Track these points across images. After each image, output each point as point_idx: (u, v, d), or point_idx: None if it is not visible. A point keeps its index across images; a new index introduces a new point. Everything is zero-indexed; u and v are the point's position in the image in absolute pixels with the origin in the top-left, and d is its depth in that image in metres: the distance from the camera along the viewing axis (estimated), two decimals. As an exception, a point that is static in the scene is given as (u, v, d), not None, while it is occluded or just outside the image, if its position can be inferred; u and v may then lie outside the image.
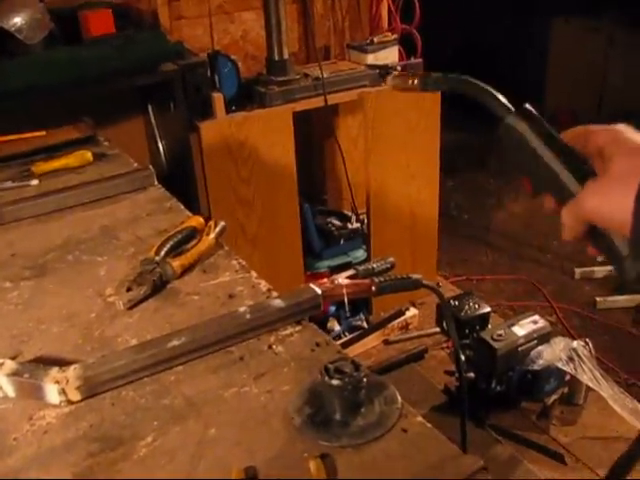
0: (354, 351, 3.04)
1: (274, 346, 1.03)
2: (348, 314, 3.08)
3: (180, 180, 2.72)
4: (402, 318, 3.17)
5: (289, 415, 0.89)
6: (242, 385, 0.95)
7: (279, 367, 0.99)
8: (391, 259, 1.23)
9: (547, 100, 5.36)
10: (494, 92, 0.74)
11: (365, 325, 3.18)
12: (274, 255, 2.90)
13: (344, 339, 3.05)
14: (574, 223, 0.66)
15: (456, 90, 0.79)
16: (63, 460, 0.85)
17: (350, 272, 1.17)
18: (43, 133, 1.84)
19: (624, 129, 0.69)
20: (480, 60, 5.47)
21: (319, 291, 1.09)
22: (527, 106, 0.71)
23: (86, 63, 2.19)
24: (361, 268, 1.18)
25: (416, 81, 0.82)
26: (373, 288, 1.13)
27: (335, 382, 0.86)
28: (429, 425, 0.87)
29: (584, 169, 0.67)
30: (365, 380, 0.87)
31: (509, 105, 0.72)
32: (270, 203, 2.81)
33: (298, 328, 1.07)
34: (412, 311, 3.22)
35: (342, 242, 3.16)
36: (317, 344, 1.03)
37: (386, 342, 3.15)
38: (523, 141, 0.68)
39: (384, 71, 2.92)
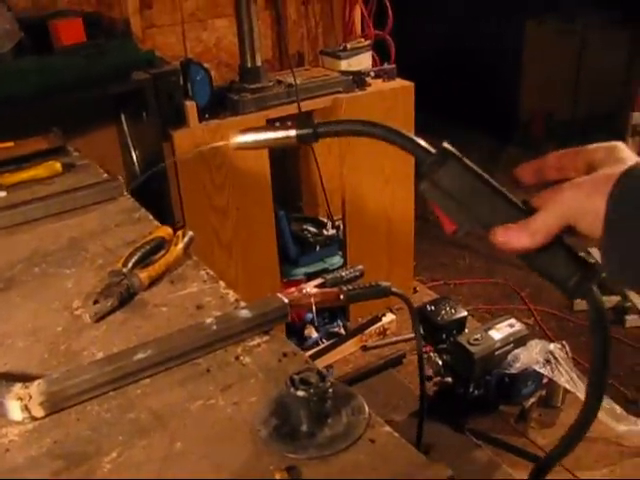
0: (332, 358, 3.04)
1: (241, 357, 1.02)
2: (316, 323, 3.07)
3: (154, 189, 2.71)
4: (379, 324, 3.17)
5: (255, 427, 0.88)
6: (208, 397, 0.94)
7: (246, 378, 0.98)
8: (360, 267, 1.22)
9: (522, 102, 5.39)
10: (404, 132, 0.69)
11: (342, 331, 3.17)
12: (250, 263, 2.89)
13: (321, 346, 3.05)
14: (552, 221, 0.64)
15: (353, 134, 0.72)
16: (25, 479, 0.83)
17: (319, 281, 1.17)
18: (11, 144, 1.82)
19: (622, 146, 0.67)
20: (454, 64, 5.50)
21: (286, 300, 1.08)
22: (447, 145, 0.68)
23: (56, 72, 2.18)
24: (329, 277, 1.17)
25: (291, 132, 0.71)
26: (341, 297, 1.13)
27: (300, 393, 0.85)
28: (396, 435, 0.86)
29: (518, 202, 0.67)
30: (331, 390, 0.86)
31: (426, 145, 0.68)
32: (245, 210, 2.80)
33: (265, 338, 1.06)
34: (389, 317, 3.22)
35: (318, 249, 3.15)
36: (284, 354, 1.02)
37: (364, 348, 3.15)
38: (450, 178, 0.67)
39: (358, 77, 2.92)
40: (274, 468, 0.81)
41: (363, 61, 3.02)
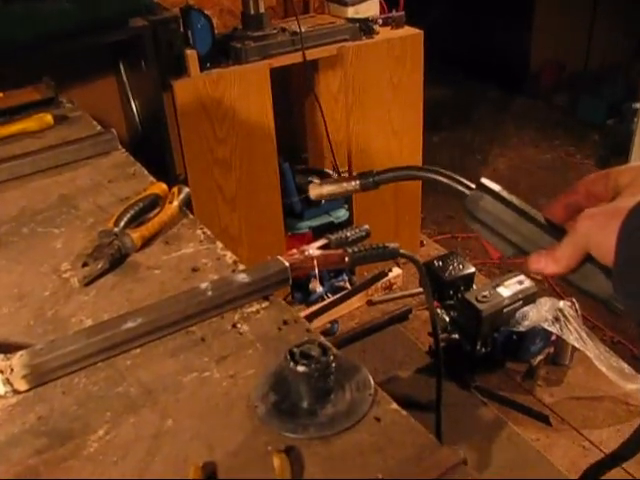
0: (337, 313, 2.99)
1: (238, 325, 0.96)
2: (319, 288, 3.00)
3: (155, 141, 2.63)
4: (385, 279, 3.11)
5: (252, 403, 0.82)
6: (203, 370, 0.88)
7: (243, 349, 0.92)
8: (366, 227, 1.15)
9: (533, 55, 5.24)
10: (448, 172, 0.77)
11: (348, 286, 3.12)
12: (254, 216, 2.83)
13: (327, 301, 3.00)
14: (571, 250, 0.65)
15: (407, 179, 0.82)
16: (6, 458, 0.78)
17: (322, 241, 1.09)
18: (0, 95, 1.74)
19: None
20: (465, 16, 5.35)
21: (287, 264, 1.01)
22: (484, 180, 0.73)
23: (48, 18, 2.07)
24: (334, 237, 1.10)
25: (355, 182, 0.81)
26: (346, 259, 1.06)
27: (301, 369, 0.79)
28: (404, 413, 0.80)
29: (556, 228, 0.69)
30: (334, 365, 0.80)
31: (467, 182, 0.75)
32: (248, 163, 2.73)
33: (265, 304, 1.00)
34: (396, 271, 3.16)
35: (323, 202, 3.08)
36: (285, 322, 0.96)
37: (370, 303, 3.10)
38: (489, 211, 0.72)
39: (365, 25, 2.82)
40: (272, 449, 0.75)
41: (370, 8, 2.90)
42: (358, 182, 0.80)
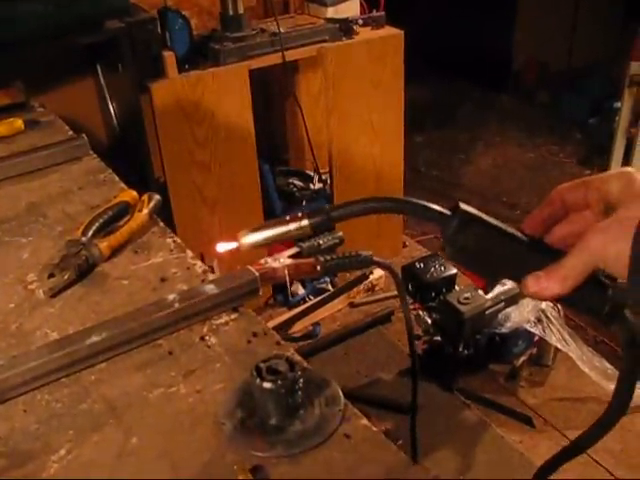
0: (319, 315, 2.97)
1: (207, 337, 0.93)
2: (291, 298, 2.98)
3: (133, 144, 2.60)
4: (367, 281, 3.09)
5: (219, 420, 0.80)
6: (169, 385, 0.86)
7: (211, 362, 0.89)
8: (339, 234, 1.13)
9: (515, 53, 5.23)
10: (420, 202, 0.66)
11: (330, 288, 3.10)
12: (234, 219, 2.79)
13: (309, 303, 2.97)
14: (581, 267, 0.63)
15: (371, 212, 0.67)
16: (-37, 480, 0.75)
17: (294, 250, 1.07)
18: (-31, 99, 1.72)
19: (635, 174, 0.64)
20: (447, 15, 5.34)
21: (257, 274, 0.99)
22: (463, 205, 0.65)
23: (23, 20, 2.04)
24: (305, 245, 1.08)
25: (304, 222, 0.66)
26: (318, 268, 1.04)
27: (267, 385, 0.76)
28: (375, 429, 0.78)
29: (543, 245, 0.67)
30: (302, 380, 0.78)
31: (443, 210, 0.66)
32: (228, 165, 2.70)
33: (234, 316, 0.97)
34: (377, 273, 3.14)
35: (304, 203, 3.06)
36: (254, 334, 0.93)
37: (352, 305, 3.08)
38: (470, 237, 0.65)
39: (345, 25, 2.79)
40: (238, 468, 0.73)
41: (350, 8, 2.88)
42: (307, 222, 0.66)
